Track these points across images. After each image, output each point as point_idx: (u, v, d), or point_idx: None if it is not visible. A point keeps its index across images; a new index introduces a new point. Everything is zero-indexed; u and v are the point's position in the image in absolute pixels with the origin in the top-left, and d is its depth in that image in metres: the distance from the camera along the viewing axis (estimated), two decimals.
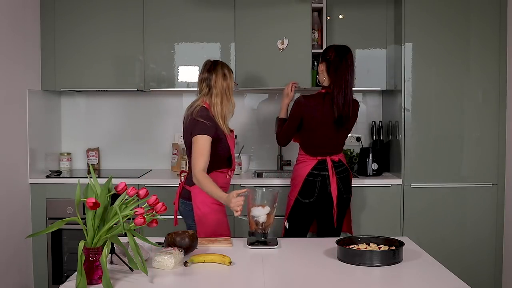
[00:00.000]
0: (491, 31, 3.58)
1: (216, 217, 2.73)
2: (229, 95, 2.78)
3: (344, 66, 3.02)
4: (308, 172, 3.10)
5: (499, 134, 3.61)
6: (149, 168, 4.14)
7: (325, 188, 3.09)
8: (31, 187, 3.63)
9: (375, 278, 2.01)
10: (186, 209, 2.80)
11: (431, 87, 3.62)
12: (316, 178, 3.10)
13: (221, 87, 2.76)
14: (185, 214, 2.82)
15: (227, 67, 2.84)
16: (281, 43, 3.73)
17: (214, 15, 3.79)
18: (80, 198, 1.90)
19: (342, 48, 3.09)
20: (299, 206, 3.14)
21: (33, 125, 3.68)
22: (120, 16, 3.79)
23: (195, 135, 2.67)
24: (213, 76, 2.77)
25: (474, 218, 3.64)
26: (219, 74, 2.78)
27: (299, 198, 3.13)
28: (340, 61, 3.03)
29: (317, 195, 3.10)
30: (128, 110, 4.21)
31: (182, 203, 2.83)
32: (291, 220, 3.17)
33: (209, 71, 2.79)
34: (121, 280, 1.92)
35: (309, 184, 3.10)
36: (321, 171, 3.10)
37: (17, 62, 3.49)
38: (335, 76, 3.04)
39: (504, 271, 3.63)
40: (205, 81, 2.79)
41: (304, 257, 2.27)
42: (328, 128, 3.08)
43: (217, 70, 2.79)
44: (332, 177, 3.09)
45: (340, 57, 3.04)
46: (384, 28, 3.80)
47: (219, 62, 2.85)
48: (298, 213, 3.16)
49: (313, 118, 3.07)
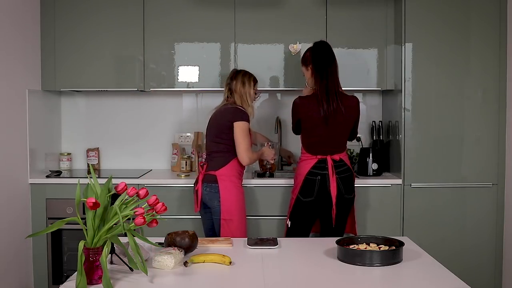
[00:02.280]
0: (491, 31, 3.58)
1: (238, 197, 3.16)
2: (246, 100, 3.24)
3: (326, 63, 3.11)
4: (308, 171, 3.11)
5: (499, 134, 3.61)
6: (149, 168, 4.14)
7: (325, 187, 3.10)
8: (31, 187, 3.63)
9: (375, 278, 2.01)
10: (211, 191, 3.14)
11: (431, 87, 3.62)
12: (316, 177, 3.10)
13: (240, 92, 3.24)
14: (210, 196, 3.15)
15: (248, 76, 3.30)
16: (293, 47, 3.75)
17: (214, 15, 3.79)
18: (80, 198, 1.90)
19: (317, 46, 3.18)
20: (300, 205, 3.15)
21: (33, 125, 3.68)
22: (120, 16, 3.79)
23: (237, 121, 3.12)
24: (233, 82, 3.26)
25: (474, 218, 3.64)
26: (239, 81, 3.26)
27: (299, 197, 3.14)
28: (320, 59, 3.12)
29: (317, 194, 3.10)
30: (128, 110, 4.20)
31: (206, 187, 3.16)
32: (293, 219, 3.18)
33: (231, 78, 3.30)
34: (121, 280, 1.93)
35: (309, 183, 3.11)
36: (320, 170, 3.11)
37: (17, 62, 3.49)
38: (321, 75, 3.10)
39: (504, 271, 3.63)
40: (228, 86, 3.30)
41: (304, 257, 2.27)
42: (324, 127, 3.09)
43: (238, 77, 3.27)
44: (332, 177, 3.09)
45: (316, 56, 3.14)
46: (384, 28, 3.80)
47: (242, 72, 3.33)
48: (299, 212, 3.17)
49: (309, 117, 3.11)
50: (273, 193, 3.61)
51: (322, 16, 3.79)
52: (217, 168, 3.16)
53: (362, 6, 3.80)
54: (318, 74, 3.11)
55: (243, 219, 3.18)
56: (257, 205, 3.59)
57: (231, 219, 3.11)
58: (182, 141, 4.19)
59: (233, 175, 3.17)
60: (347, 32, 3.78)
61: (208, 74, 3.82)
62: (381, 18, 3.80)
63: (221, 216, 3.11)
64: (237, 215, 3.13)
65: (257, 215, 3.59)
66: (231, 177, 3.16)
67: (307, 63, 3.19)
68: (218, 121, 3.21)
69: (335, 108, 3.07)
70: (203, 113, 4.18)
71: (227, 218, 3.11)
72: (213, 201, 3.14)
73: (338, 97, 3.09)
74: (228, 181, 3.14)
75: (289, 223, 3.19)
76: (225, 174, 3.14)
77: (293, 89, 3.94)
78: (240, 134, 3.12)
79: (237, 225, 3.11)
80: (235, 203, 3.14)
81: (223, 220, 3.11)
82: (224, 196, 3.12)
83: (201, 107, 4.20)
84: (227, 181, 3.14)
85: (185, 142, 4.19)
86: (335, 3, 3.79)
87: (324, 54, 3.14)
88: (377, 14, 3.79)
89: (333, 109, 3.06)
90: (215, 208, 3.14)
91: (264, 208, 3.60)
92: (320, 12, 3.79)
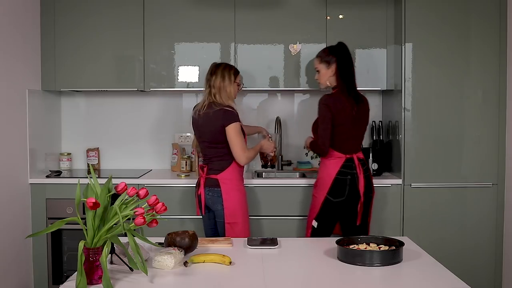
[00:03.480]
0: (491, 31, 3.58)
1: (241, 199, 3.14)
2: (227, 96, 3.13)
3: (349, 63, 3.21)
4: (338, 171, 3.13)
5: (499, 134, 3.61)
6: (149, 168, 4.14)
7: (355, 187, 3.13)
8: (31, 187, 3.63)
9: (375, 278, 2.01)
10: (214, 195, 3.11)
11: (431, 87, 3.62)
12: (346, 177, 3.13)
13: (220, 87, 3.13)
14: (213, 200, 3.12)
15: (228, 69, 3.18)
16: (293, 47, 3.75)
17: (214, 15, 3.79)
18: (80, 198, 1.90)
19: (343, 47, 3.24)
20: (329, 206, 3.15)
21: (33, 125, 3.68)
22: (120, 16, 3.79)
23: (228, 125, 3.04)
24: (213, 78, 3.15)
25: (474, 218, 3.64)
26: (219, 76, 3.14)
27: (329, 198, 3.14)
28: (345, 59, 3.19)
29: (347, 194, 3.13)
30: (128, 110, 4.20)
31: (209, 191, 3.13)
32: (319, 220, 3.18)
33: (211, 73, 3.17)
34: (121, 280, 1.93)
35: (340, 183, 3.13)
36: (350, 169, 3.14)
37: (17, 62, 3.49)
38: (344, 75, 3.17)
39: (504, 271, 3.63)
40: (208, 82, 3.17)
41: (304, 257, 2.27)
42: (353, 125, 3.15)
43: (217, 72, 3.15)
44: (360, 175, 3.14)
45: (343, 56, 3.20)
46: (384, 28, 3.80)
47: (222, 65, 3.20)
48: (327, 213, 3.17)
49: (341, 116, 3.12)
50: (276, 192, 3.61)
51: (322, 16, 3.79)
52: (218, 172, 3.12)
53: (362, 6, 3.80)
54: (345, 73, 3.18)
55: (246, 221, 3.17)
56: (258, 205, 3.59)
57: (235, 222, 3.10)
58: (182, 141, 4.18)
59: (234, 178, 3.14)
60: (347, 32, 3.78)
61: None
62: (381, 18, 3.80)
63: (225, 220, 3.09)
64: (241, 217, 3.11)
65: (259, 215, 3.59)
66: (232, 180, 3.13)
67: (330, 62, 3.21)
68: (210, 127, 3.10)
69: (361, 107, 3.17)
70: None
71: (231, 222, 3.10)
72: (216, 205, 3.12)
73: (361, 96, 3.22)
74: (230, 184, 3.11)
75: (316, 224, 3.19)
76: (227, 177, 3.11)
77: (293, 89, 3.95)
78: (233, 136, 3.05)
79: (241, 228, 3.11)
80: (238, 206, 3.11)
81: (227, 224, 3.10)
82: (227, 200, 3.09)
83: None
84: (229, 185, 3.11)
85: (185, 142, 4.18)
86: (335, 3, 3.79)
87: (349, 55, 3.23)
88: (377, 14, 3.79)
89: (360, 108, 3.16)
90: (218, 211, 3.12)
91: (266, 208, 3.60)
92: (320, 12, 3.79)
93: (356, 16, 3.80)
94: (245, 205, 3.18)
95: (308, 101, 4.17)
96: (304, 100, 4.20)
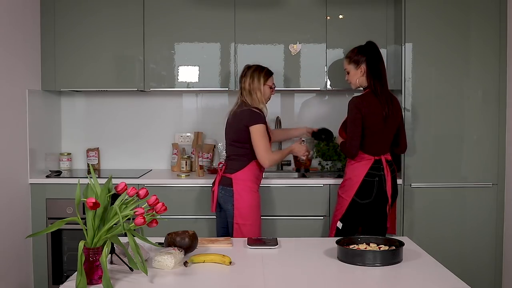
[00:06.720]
0: (491, 31, 3.58)
1: (252, 201, 3.12)
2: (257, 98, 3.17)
3: (380, 63, 3.18)
4: (366, 173, 3.12)
5: (499, 134, 3.61)
6: (149, 168, 4.14)
7: (382, 188, 3.13)
8: (31, 187, 3.63)
9: (375, 278, 2.01)
10: (226, 194, 3.13)
11: (431, 87, 3.62)
12: (374, 179, 3.12)
13: (249, 89, 3.18)
14: (225, 199, 3.14)
15: (259, 70, 3.22)
16: (293, 47, 3.75)
17: (214, 15, 3.79)
18: (80, 198, 1.90)
19: (372, 46, 3.21)
20: (356, 207, 3.15)
21: (33, 125, 3.68)
22: (120, 16, 3.79)
23: (253, 125, 3.07)
24: (243, 79, 3.22)
25: (474, 218, 3.64)
26: (248, 77, 3.20)
27: (356, 199, 3.13)
28: (375, 59, 3.17)
29: (374, 196, 3.12)
30: (128, 110, 4.20)
31: (222, 189, 3.16)
32: (344, 221, 3.17)
33: (242, 75, 3.25)
34: (121, 280, 1.93)
35: (367, 185, 3.12)
36: (377, 171, 3.13)
37: (17, 62, 3.49)
38: (375, 75, 3.14)
39: (504, 271, 3.63)
40: (240, 83, 3.25)
41: (304, 257, 2.27)
42: (383, 127, 3.13)
43: (247, 74, 3.22)
44: (387, 176, 3.14)
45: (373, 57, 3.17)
46: (384, 28, 3.80)
47: (253, 67, 3.25)
48: (353, 214, 3.16)
49: (372, 117, 3.10)
50: (276, 192, 3.61)
51: (322, 16, 3.79)
52: (233, 171, 3.14)
53: (362, 6, 3.79)
54: (375, 73, 3.15)
55: (257, 223, 3.15)
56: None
57: (244, 223, 3.09)
58: (182, 141, 4.18)
59: (249, 179, 3.14)
60: (347, 32, 3.78)
61: (208, 74, 3.82)
62: (381, 18, 3.79)
63: (234, 220, 3.10)
64: (250, 219, 3.10)
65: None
66: (246, 181, 3.13)
67: (359, 62, 3.19)
68: (235, 125, 3.17)
69: (392, 109, 3.14)
70: (203, 113, 4.18)
71: (240, 223, 3.09)
72: (227, 204, 3.14)
73: (392, 96, 3.19)
74: (243, 185, 3.12)
75: (340, 225, 3.18)
76: (241, 178, 3.12)
77: (293, 89, 3.95)
78: (257, 137, 3.08)
79: (250, 229, 3.09)
80: (248, 208, 3.11)
81: (236, 224, 3.10)
82: (238, 201, 3.10)
83: (201, 107, 4.20)
84: (242, 185, 3.11)
85: (185, 142, 4.18)
86: (335, 3, 3.79)
87: (379, 55, 3.20)
88: (377, 14, 3.79)
89: (391, 108, 3.13)
90: (229, 211, 3.14)
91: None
92: (320, 12, 3.79)
93: (356, 16, 3.80)
94: (257, 207, 3.16)
95: (308, 101, 4.18)
96: (304, 100, 4.20)
